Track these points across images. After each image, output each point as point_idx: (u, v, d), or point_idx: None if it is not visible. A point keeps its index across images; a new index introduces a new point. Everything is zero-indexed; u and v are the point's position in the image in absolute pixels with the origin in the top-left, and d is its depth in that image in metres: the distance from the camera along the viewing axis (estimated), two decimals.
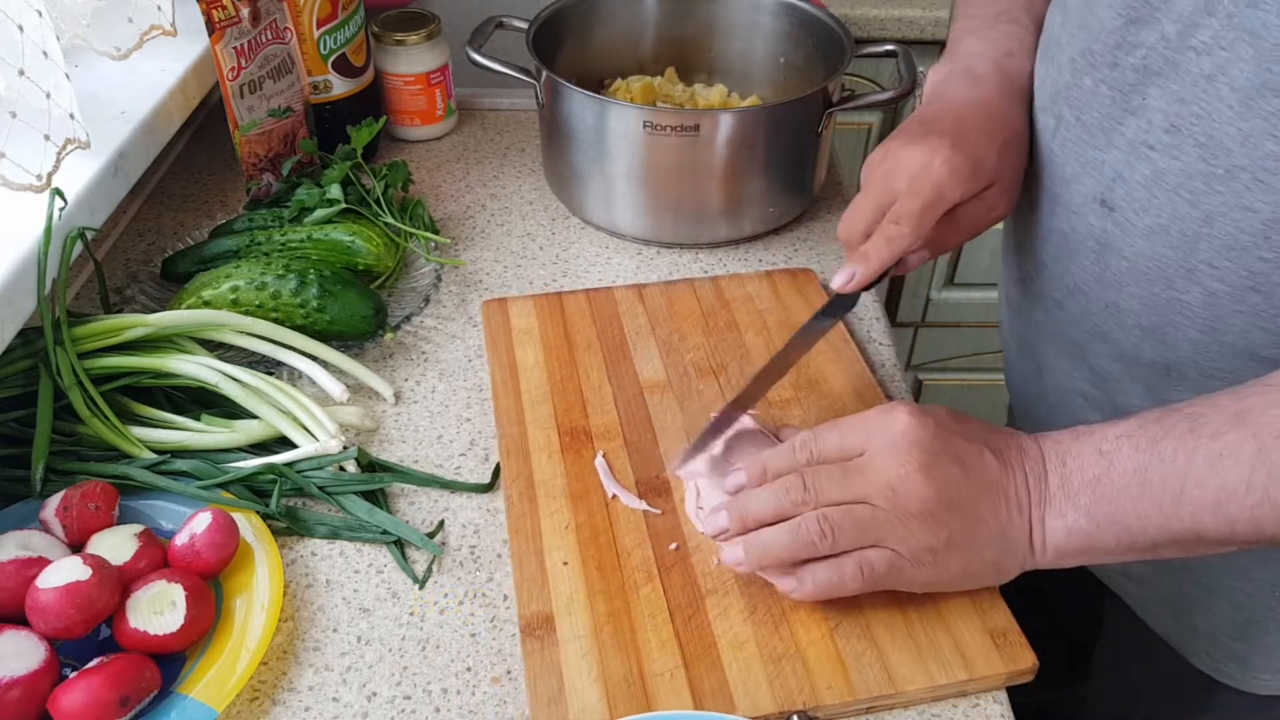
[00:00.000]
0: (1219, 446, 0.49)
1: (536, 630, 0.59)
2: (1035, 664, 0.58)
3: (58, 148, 0.68)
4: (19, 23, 0.65)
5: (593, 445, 0.71)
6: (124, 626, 0.56)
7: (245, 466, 0.68)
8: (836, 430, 0.59)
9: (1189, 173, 0.54)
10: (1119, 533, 0.53)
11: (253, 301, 0.77)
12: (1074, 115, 0.62)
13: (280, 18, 0.89)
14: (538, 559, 0.63)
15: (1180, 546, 0.52)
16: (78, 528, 0.61)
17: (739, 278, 0.87)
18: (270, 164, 0.92)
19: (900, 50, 0.94)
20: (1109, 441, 0.53)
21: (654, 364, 0.78)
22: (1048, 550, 0.55)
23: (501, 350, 0.79)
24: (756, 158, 0.89)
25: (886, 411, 0.58)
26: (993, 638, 0.58)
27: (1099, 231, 0.61)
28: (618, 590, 0.62)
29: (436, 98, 1.06)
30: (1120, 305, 0.62)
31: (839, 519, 0.56)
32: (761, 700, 0.56)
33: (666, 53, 1.06)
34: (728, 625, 0.60)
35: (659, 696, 0.56)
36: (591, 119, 0.88)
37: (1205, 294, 0.56)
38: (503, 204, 1.00)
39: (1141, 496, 0.51)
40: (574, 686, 0.56)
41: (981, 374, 1.73)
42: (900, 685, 0.56)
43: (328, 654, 0.60)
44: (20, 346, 0.70)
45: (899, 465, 0.55)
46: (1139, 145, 0.57)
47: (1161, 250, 0.57)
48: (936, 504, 0.54)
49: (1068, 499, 0.54)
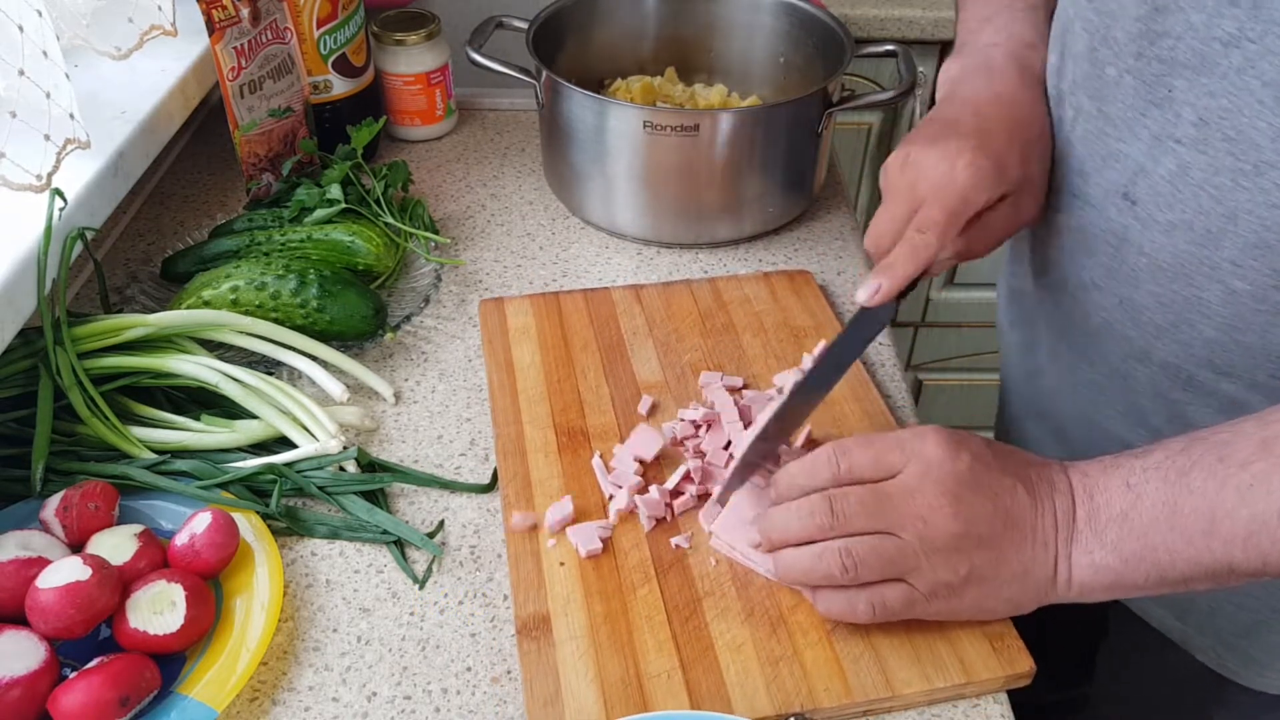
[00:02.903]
0: (1248, 476, 0.48)
1: (533, 631, 0.59)
2: (1033, 668, 0.57)
3: (58, 148, 0.68)
4: (19, 23, 0.65)
5: (590, 445, 0.71)
6: (124, 626, 0.56)
7: (245, 466, 0.68)
8: (871, 449, 0.57)
9: (1216, 168, 0.53)
10: (1148, 569, 0.52)
11: (253, 301, 0.77)
12: (1095, 106, 0.60)
13: (280, 18, 0.89)
14: (534, 560, 0.63)
15: (1213, 579, 0.51)
16: (78, 528, 0.61)
17: (736, 279, 0.87)
18: (270, 164, 0.92)
19: (900, 50, 0.94)
20: (1137, 474, 0.52)
21: (651, 364, 0.78)
22: (1073, 586, 0.54)
23: (498, 350, 0.79)
24: (756, 158, 0.89)
25: (920, 436, 0.56)
26: (990, 642, 0.58)
27: (1118, 226, 0.60)
28: (615, 591, 0.61)
29: (436, 98, 1.06)
30: (1135, 301, 0.61)
31: (863, 554, 0.55)
32: (759, 702, 0.56)
33: (666, 53, 1.06)
34: (725, 627, 0.60)
35: (656, 698, 0.56)
36: (591, 119, 0.88)
37: (1226, 292, 0.55)
38: (503, 204, 1.00)
39: (1171, 530, 0.50)
40: (570, 688, 0.56)
41: (981, 374, 1.73)
42: (898, 689, 0.56)
43: (328, 654, 0.60)
44: (20, 346, 0.70)
45: (931, 496, 0.54)
46: (1164, 139, 0.56)
47: (1183, 246, 0.56)
48: (964, 540, 0.54)
49: (1095, 535, 0.53)
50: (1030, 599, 0.56)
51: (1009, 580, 0.55)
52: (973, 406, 1.78)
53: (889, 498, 0.55)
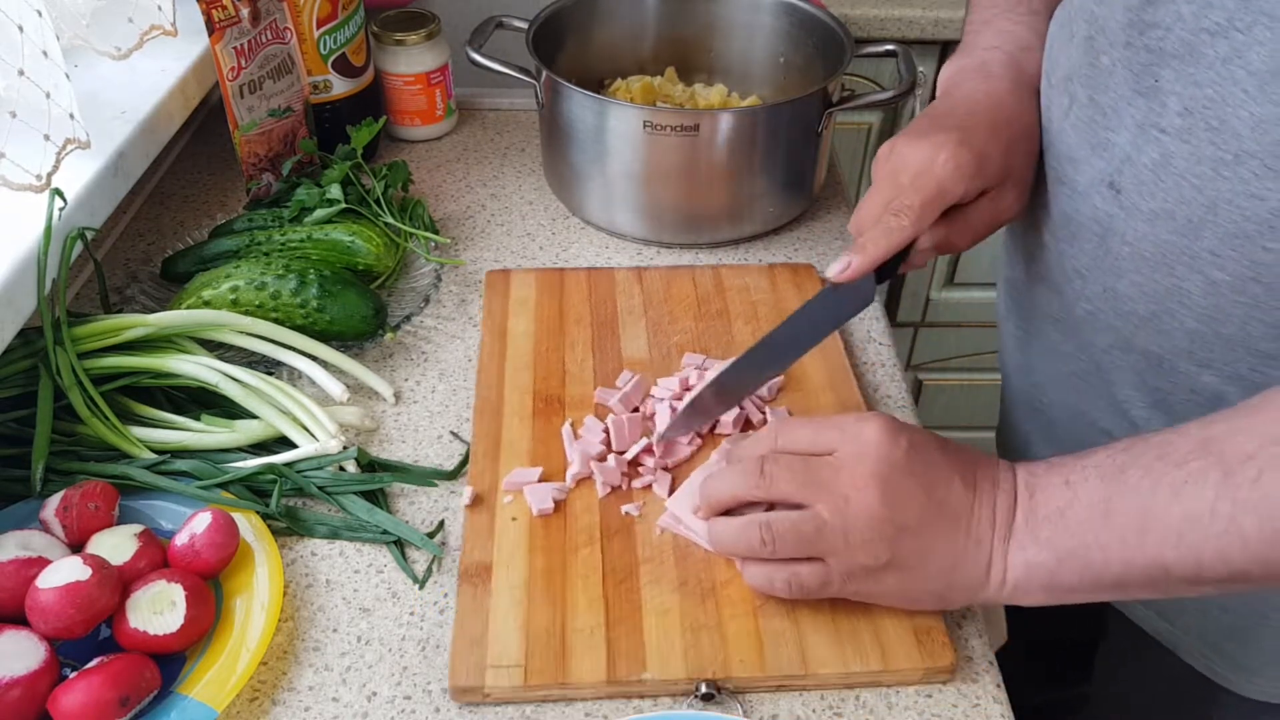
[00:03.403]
0: (1183, 474, 0.48)
1: (473, 578, 0.62)
2: (953, 663, 0.58)
3: (58, 148, 0.68)
4: (19, 23, 0.65)
5: (564, 413, 0.73)
6: (124, 626, 0.56)
7: (245, 466, 0.68)
8: (812, 425, 0.59)
9: (1198, 157, 0.53)
10: (1081, 568, 0.51)
11: (253, 301, 0.77)
12: (1087, 95, 0.61)
13: (280, 18, 0.89)
14: (489, 514, 0.66)
15: (1150, 585, 0.51)
16: (78, 528, 0.61)
17: (740, 269, 0.88)
18: (270, 164, 0.92)
19: (900, 50, 0.94)
20: (1076, 472, 0.52)
21: (639, 342, 0.80)
22: (1006, 585, 0.54)
23: (496, 318, 0.82)
24: (756, 158, 0.89)
25: (863, 419, 0.57)
26: (916, 634, 0.59)
27: (1103, 215, 0.61)
28: (557, 548, 0.64)
29: (436, 98, 1.06)
30: (1119, 291, 0.61)
31: (782, 530, 0.56)
32: (673, 665, 0.57)
33: (666, 53, 1.06)
34: (656, 592, 0.61)
35: (575, 651, 0.58)
36: (591, 119, 0.88)
37: (1206, 283, 0.56)
38: (503, 204, 1.00)
39: (1104, 528, 0.50)
40: (496, 632, 0.59)
41: (981, 374, 1.73)
42: (813, 667, 0.57)
43: (328, 654, 0.60)
44: (20, 346, 0.70)
45: (859, 477, 0.55)
46: (1149, 128, 0.56)
47: (1165, 236, 0.57)
48: (886, 524, 0.54)
49: (1029, 532, 0.53)
50: (959, 595, 0.56)
51: (935, 574, 0.55)
52: (973, 406, 1.78)
53: (818, 470, 0.56)
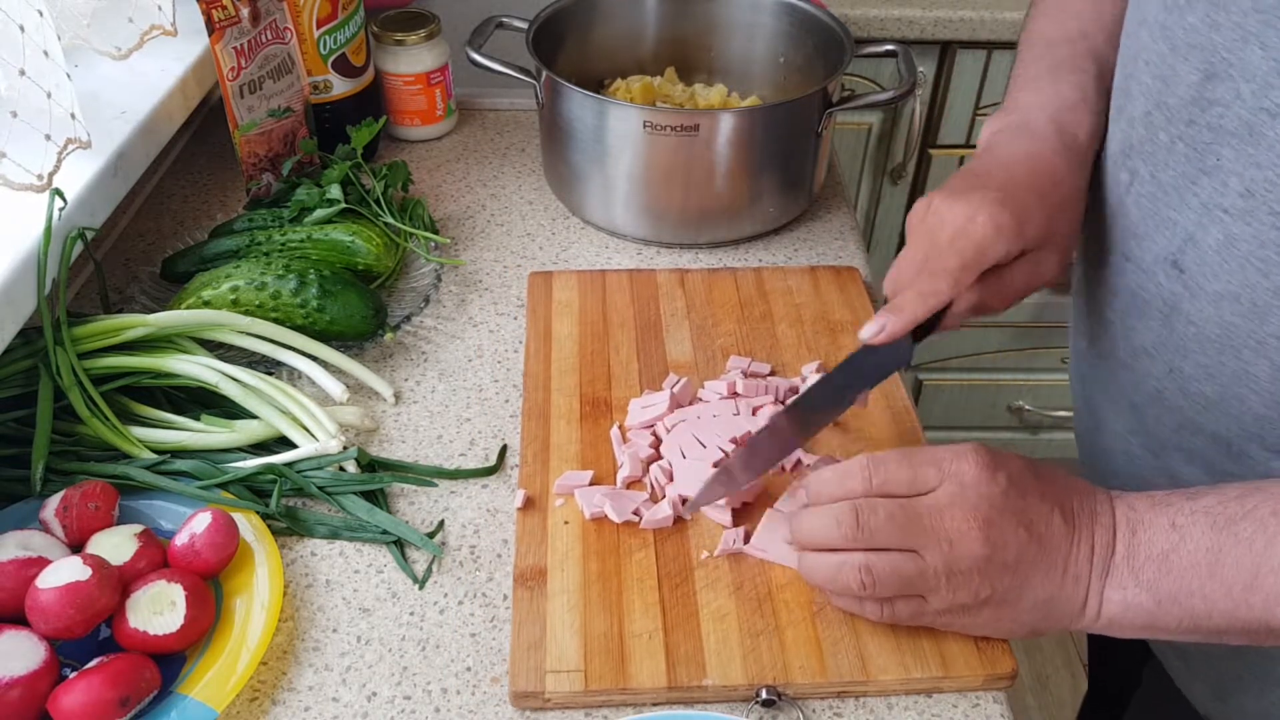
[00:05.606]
0: None
1: (529, 581, 0.62)
2: (1015, 669, 0.57)
3: (58, 147, 0.68)
4: (20, 23, 0.65)
5: (611, 416, 0.73)
6: (124, 626, 0.56)
7: (245, 466, 0.68)
8: (909, 464, 0.56)
9: (1261, 240, 0.52)
10: (1181, 614, 0.51)
11: (253, 301, 0.77)
12: (1149, 171, 0.59)
13: (280, 18, 0.89)
14: (541, 516, 0.66)
15: (1248, 635, 0.50)
16: (78, 528, 0.61)
17: (781, 270, 0.88)
18: (270, 164, 0.92)
19: (900, 50, 0.94)
20: (1184, 515, 0.51)
21: (684, 346, 0.80)
22: (1101, 619, 0.53)
23: (540, 319, 0.82)
24: (756, 158, 0.89)
25: (959, 455, 0.55)
26: (975, 640, 0.58)
27: (1168, 293, 0.59)
28: (611, 552, 0.64)
29: (436, 98, 1.06)
30: (1185, 371, 0.59)
31: (883, 573, 0.54)
32: (733, 671, 0.57)
33: (666, 53, 1.06)
34: (712, 597, 0.61)
35: (634, 656, 0.58)
36: (591, 119, 0.88)
37: (1273, 368, 0.54)
38: (503, 204, 1.00)
39: (1211, 578, 0.49)
40: (555, 635, 0.59)
41: (981, 374, 1.73)
42: (873, 674, 0.57)
43: (328, 654, 0.60)
44: (20, 346, 0.70)
45: (961, 518, 0.53)
46: (1212, 208, 0.54)
47: (1230, 318, 0.55)
48: (988, 564, 0.53)
49: (1131, 572, 0.52)
50: (1051, 626, 0.55)
51: (1031, 607, 0.54)
52: (972, 406, 1.78)
53: (918, 516, 0.54)
